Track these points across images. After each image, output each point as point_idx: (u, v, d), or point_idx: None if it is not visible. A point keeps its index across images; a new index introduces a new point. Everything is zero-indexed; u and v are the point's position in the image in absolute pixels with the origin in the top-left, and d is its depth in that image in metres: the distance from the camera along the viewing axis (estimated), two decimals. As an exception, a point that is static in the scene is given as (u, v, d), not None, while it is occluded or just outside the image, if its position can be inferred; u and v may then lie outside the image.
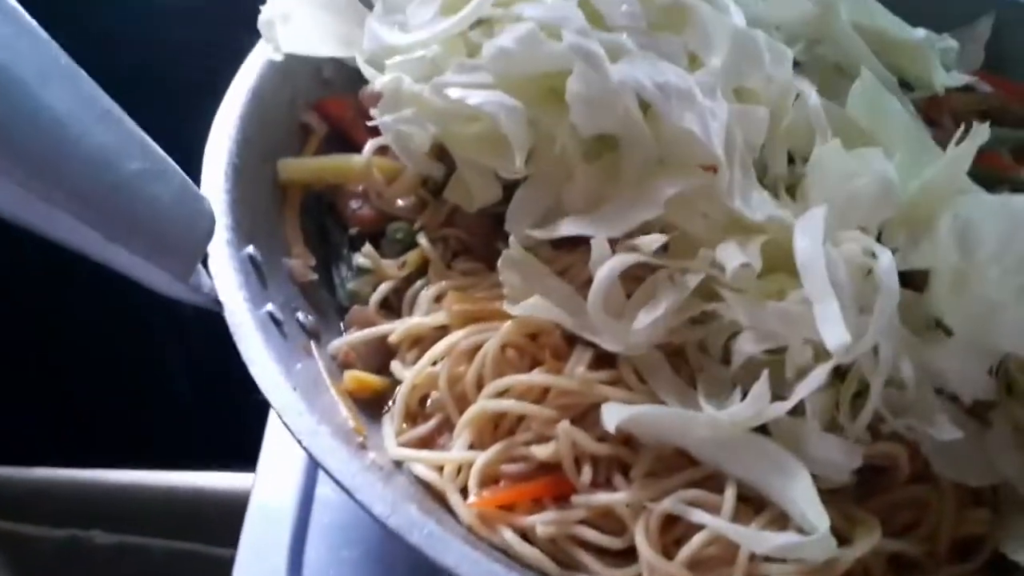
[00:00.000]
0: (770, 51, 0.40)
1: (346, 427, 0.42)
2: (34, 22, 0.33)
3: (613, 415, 0.38)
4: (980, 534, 0.41)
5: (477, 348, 0.42)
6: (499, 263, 0.40)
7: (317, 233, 0.51)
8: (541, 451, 0.40)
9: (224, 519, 0.57)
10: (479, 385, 0.42)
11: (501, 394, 0.41)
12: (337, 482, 0.36)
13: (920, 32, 0.52)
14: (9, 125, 0.32)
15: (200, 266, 0.41)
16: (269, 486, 0.56)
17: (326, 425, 0.38)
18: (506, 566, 0.35)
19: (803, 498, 0.36)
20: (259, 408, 0.56)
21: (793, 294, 0.38)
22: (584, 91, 0.38)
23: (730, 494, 0.38)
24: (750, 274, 0.38)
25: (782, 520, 0.38)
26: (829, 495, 0.38)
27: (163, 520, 0.91)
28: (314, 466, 0.55)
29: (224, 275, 0.42)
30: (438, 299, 0.45)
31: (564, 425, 0.39)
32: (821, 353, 0.37)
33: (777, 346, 0.38)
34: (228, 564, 0.53)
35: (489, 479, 0.40)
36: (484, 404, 0.41)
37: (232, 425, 0.60)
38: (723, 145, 0.38)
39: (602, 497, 0.39)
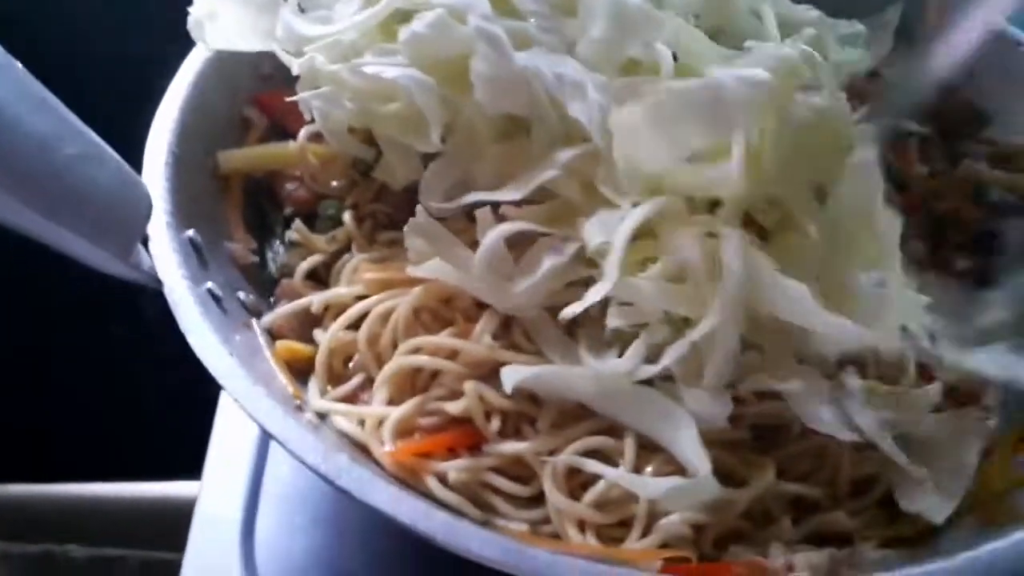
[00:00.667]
0: (648, 19, 0.44)
1: (285, 392, 0.45)
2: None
3: (510, 377, 0.41)
4: (874, 473, 0.44)
5: (392, 312, 0.45)
6: (405, 229, 0.43)
7: (254, 215, 0.54)
8: (453, 407, 0.43)
9: (175, 526, 0.59)
10: (395, 346, 0.45)
11: (414, 352, 0.44)
12: (270, 435, 0.39)
13: (814, 13, 0.56)
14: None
15: (141, 247, 0.44)
16: (218, 481, 0.58)
17: (262, 387, 0.41)
18: (429, 504, 0.38)
19: (687, 444, 0.40)
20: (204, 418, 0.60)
21: (656, 266, 0.41)
22: (487, 72, 0.41)
23: (630, 442, 0.41)
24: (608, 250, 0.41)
25: (675, 461, 0.41)
26: (728, 445, 0.42)
27: (139, 531, 0.92)
28: (263, 452, 0.58)
29: (164, 255, 0.45)
30: (355, 273, 0.49)
31: (470, 384, 0.43)
32: (679, 324, 0.40)
33: (639, 322, 0.41)
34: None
35: (406, 431, 0.43)
36: (400, 360, 0.44)
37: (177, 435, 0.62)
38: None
39: (509, 446, 0.42)
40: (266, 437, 0.57)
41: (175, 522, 0.89)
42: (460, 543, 0.37)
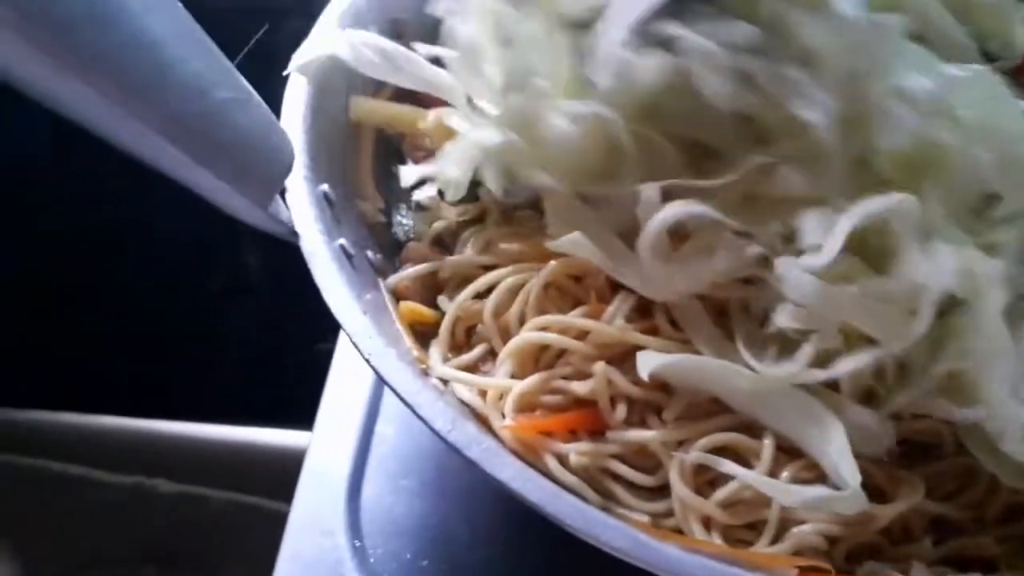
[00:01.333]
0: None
1: (410, 356, 0.44)
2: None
3: (647, 363, 0.39)
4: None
5: (522, 286, 0.44)
6: (546, 204, 0.42)
7: (384, 175, 0.53)
8: (579, 387, 0.41)
9: (282, 474, 0.59)
10: (522, 321, 0.44)
11: (543, 329, 0.43)
12: (402, 398, 0.38)
13: (998, -8, 0.51)
14: (115, 50, 0.34)
15: (279, 198, 0.44)
16: (328, 437, 0.58)
17: (393, 348, 0.40)
18: (556, 486, 0.37)
19: (838, 452, 0.37)
20: (318, 369, 0.60)
21: (858, 284, 0.38)
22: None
23: (768, 444, 0.39)
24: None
25: (815, 468, 0.39)
26: (874, 460, 0.39)
27: (223, 472, 0.94)
28: (373, 412, 0.58)
29: (301, 208, 0.44)
30: (488, 245, 0.47)
31: (600, 365, 0.41)
32: (855, 337, 0.37)
33: (808, 328, 0.38)
34: (285, 518, 0.54)
35: (527, 407, 0.42)
36: (527, 336, 0.43)
37: (291, 385, 0.62)
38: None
39: (635, 434, 0.41)
40: (377, 397, 0.57)
41: (257, 466, 0.91)
42: (588, 529, 0.35)
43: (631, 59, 0.41)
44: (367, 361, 0.39)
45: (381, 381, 0.39)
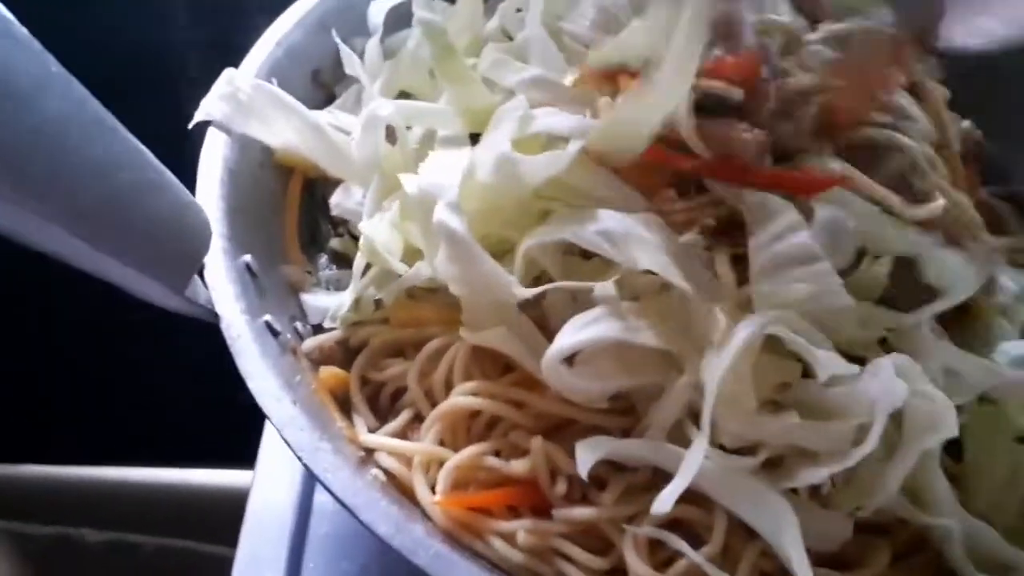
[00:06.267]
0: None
1: (341, 436, 0.41)
2: (26, 31, 0.32)
3: (588, 457, 0.37)
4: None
5: (448, 347, 0.42)
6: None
7: (308, 230, 0.51)
8: (517, 466, 0.39)
9: (218, 517, 0.56)
10: (448, 385, 0.42)
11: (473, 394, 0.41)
12: (341, 502, 0.35)
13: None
14: (6, 138, 0.31)
15: (196, 277, 0.41)
16: (268, 485, 0.56)
17: (328, 442, 0.37)
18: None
19: (790, 544, 0.35)
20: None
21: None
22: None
23: (720, 523, 0.37)
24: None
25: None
26: None
27: (155, 517, 0.90)
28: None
29: (220, 286, 0.41)
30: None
31: (537, 442, 0.39)
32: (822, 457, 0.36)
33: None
34: (220, 562, 0.53)
35: (461, 482, 0.40)
36: (457, 400, 0.40)
37: (230, 423, 0.59)
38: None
39: (582, 512, 0.38)
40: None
41: (191, 510, 0.87)
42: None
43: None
44: (299, 459, 0.36)
45: (317, 481, 0.36)
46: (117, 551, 0.92)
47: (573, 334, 0.37)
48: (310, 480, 0.55)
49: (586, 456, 0.36)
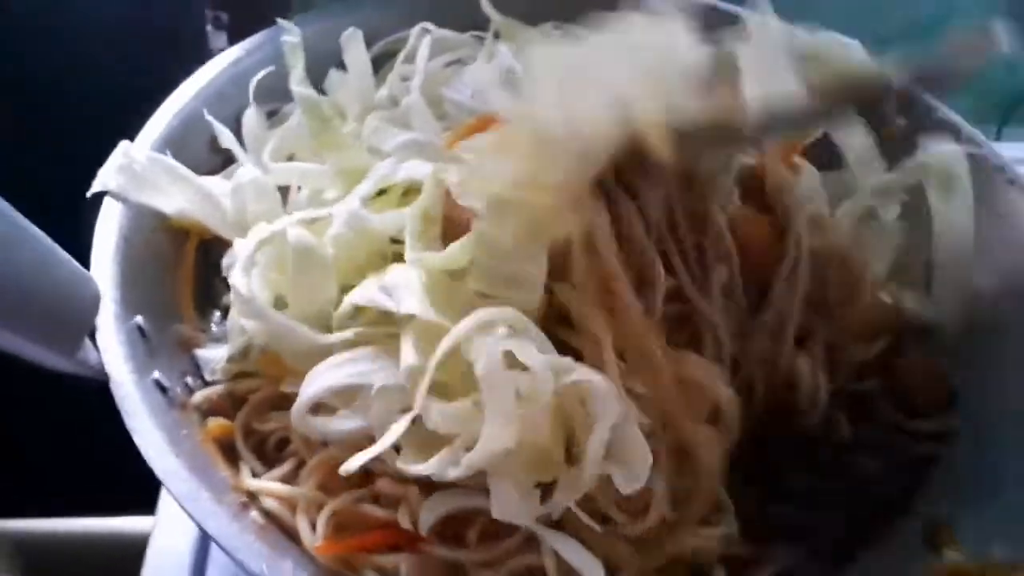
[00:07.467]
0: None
1: (225, 485, 0.45)
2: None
3: (428, 516, 0.42)
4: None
5: None
6: None
7: (203, 289, 0.55)
8: (382, 512, 0.44)
9: (122, 563, 0.59)
10: None
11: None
12: (217, 543, 0.39)
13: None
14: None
15: (88, 339, 0.44)
16: (169, 527, 0.59)
17: (208, 491, 0.41)
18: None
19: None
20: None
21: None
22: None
23: (550, 563, 0.42)
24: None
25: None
26: None
27: (65, 566, 0.90)
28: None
29: (111, 348, 0.44)
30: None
31: (413, 491, 0.43)
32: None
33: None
34: None
35: (341, 525, 0.44)
36: (333, 450, 0.45)
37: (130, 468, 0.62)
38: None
39: (447, 552, 0.43)
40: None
41: (96, 558, 0.88)
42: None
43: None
44: (181, 506, 0.40)
45: (197, 527, 0.40)
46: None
47: (309, 385, 0.43)
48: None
49: (427, 516, 0.42)
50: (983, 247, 0.55)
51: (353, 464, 0.40)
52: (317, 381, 0.43)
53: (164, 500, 0.61)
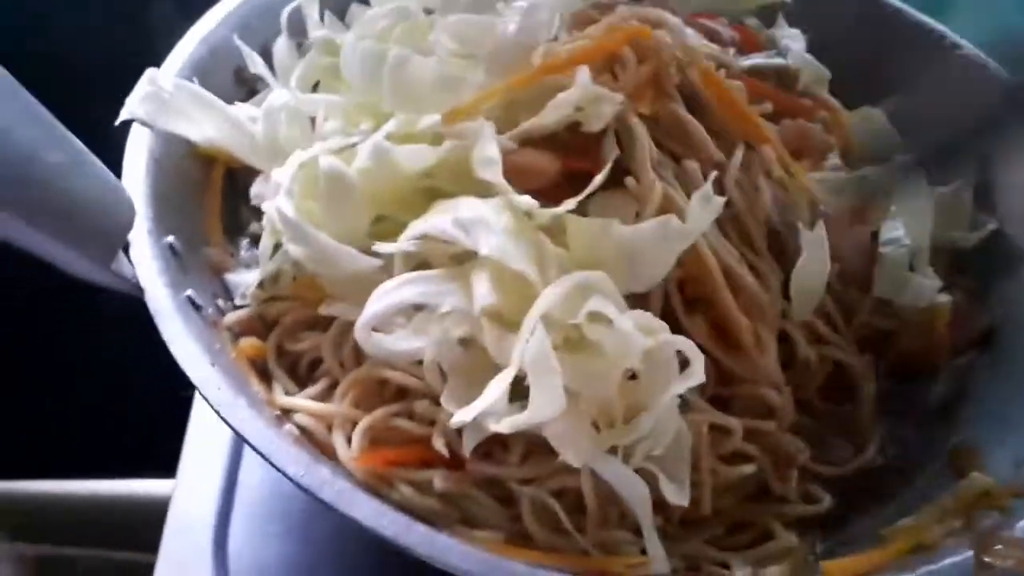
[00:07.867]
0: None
1: (259, 398, 0.45)
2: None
3: (472, 438, 0.41)
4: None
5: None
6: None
7: (231, 216, 0.54)
8: (421, 429, 0.44)
9: (147, 525, 0.59)
10: (358, 355, 0.45)
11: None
12: (253, 447, 0.39)
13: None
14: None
15: (122, 254, 0.44)
16: (192, 484, 0.58)
17: (243, 397, 0.41)
18: (409, 517, 0.39)
19: (642, 510, 0.40)
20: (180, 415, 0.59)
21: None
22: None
23: (587, 486, 0.42)
24: None
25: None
26: None
27: (86, 529, 0.91)
28: (237, 456, 0.58)
29: (145, 263, 0.44)
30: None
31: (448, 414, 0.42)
32: None
33: None
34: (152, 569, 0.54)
35: (374, 439, 0.44)
36: (369, 369, 0.45)
37: (152, 433, 0.62)
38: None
39: (491, 469, 0.43)
40: (240, 442, 0.58)
41: (122, 520, 0.88)
42: (440, 556, 0.37)
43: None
44: (216, 412, 0.40)
45: (233, 432, 0.40)
46: (52, 564, 0.93)
47: (376, 301, 0.42)
48: (235, 463, 0.58)
49: (471, 438, 0.41)
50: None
51: (458, 419, 0.39)
52: (385, 298, 0.42)
53: (184, 463, 0.60)
